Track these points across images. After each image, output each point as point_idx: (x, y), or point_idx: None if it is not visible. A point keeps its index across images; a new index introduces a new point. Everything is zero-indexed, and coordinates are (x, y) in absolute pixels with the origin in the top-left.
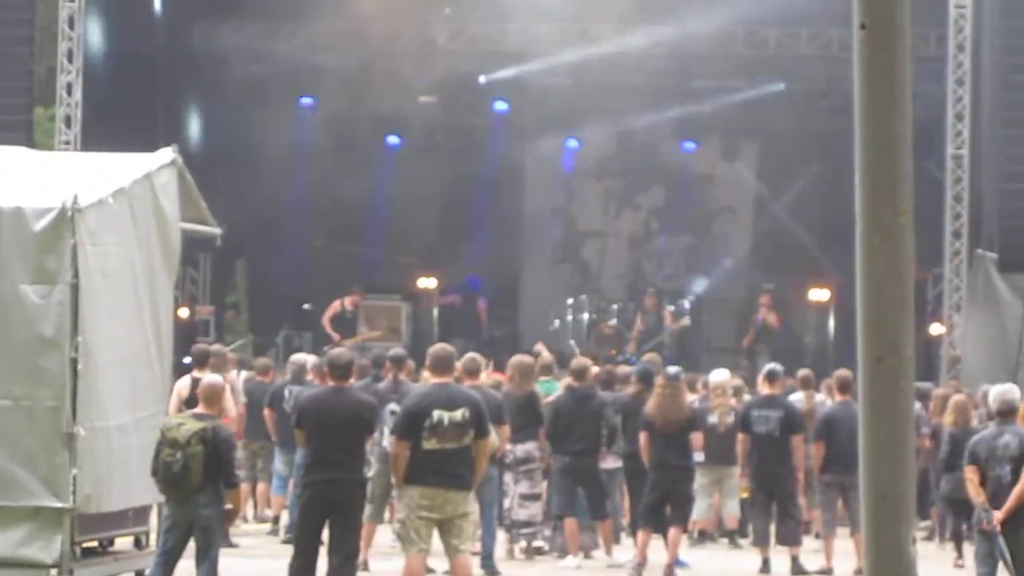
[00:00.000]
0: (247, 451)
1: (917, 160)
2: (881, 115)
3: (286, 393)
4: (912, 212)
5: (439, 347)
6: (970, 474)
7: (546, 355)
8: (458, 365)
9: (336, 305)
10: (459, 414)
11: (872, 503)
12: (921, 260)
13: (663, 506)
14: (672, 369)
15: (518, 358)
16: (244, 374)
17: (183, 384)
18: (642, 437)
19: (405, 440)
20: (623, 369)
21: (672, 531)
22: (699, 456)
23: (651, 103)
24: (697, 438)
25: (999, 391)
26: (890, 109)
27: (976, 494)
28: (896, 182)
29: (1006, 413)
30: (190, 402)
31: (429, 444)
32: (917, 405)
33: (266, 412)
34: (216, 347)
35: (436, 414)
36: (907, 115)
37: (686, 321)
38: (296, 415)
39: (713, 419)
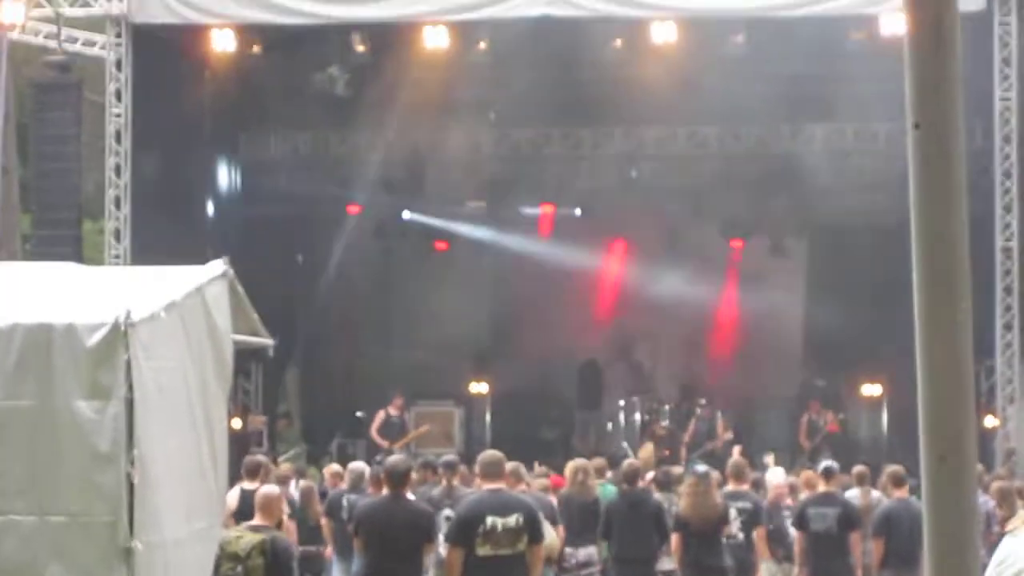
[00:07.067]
0: None
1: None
2: (937, 213)
3: (344, 502)
4: (970, 308)
5: (489, 453)
6: None
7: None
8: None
9: (381, 414)
10: (513, 519)
11: None
12: (973, 352)
13: None
14: (700, 467)
15: (579, 462)
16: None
17: (232, 496)
18: (674, 538)
19: (459, 547)
20: (679, 470)
21: None
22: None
23: (698, 201)
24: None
25: None
26: (946, 206)
27: None
28: (954, 279)
29: None
30: (239, 515)
31: (483, 550)
32: (991, 503)
33: (323, 521)
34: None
35: (490, 520)
36: (963, 212)
37: (729, 435)
38: (354, 524)
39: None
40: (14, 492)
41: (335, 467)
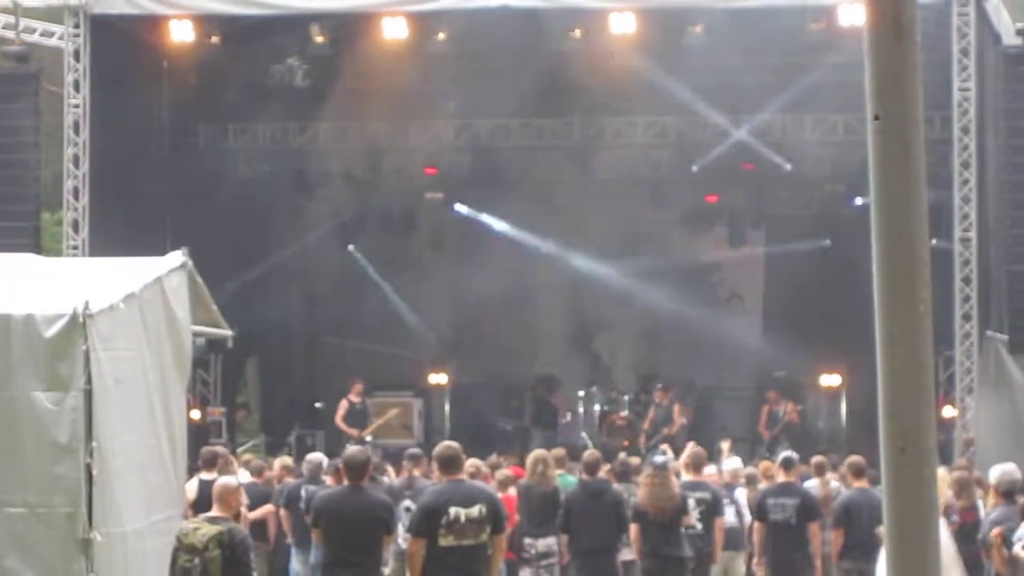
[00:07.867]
0: None
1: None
2: (897, 204)
3: (302, 493)
4: (930, 300)
5: (444, 445)
6: None
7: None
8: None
9: (344, 403)
10: (476, 510)
11: None
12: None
13: None
14: (659, 458)
15: (539, 452)
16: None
17: (191, 487)
18: (633, 529)
19: (421, 537)
20: (637, 460)
21: None
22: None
23: (656, 192)
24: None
25: (1003, 470)
26: (906, 198)
27: None
28: (913, 271)
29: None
30: (197, 505)
31: (446, 541)
32: (949, 493)
33: (282, 513)
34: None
35: (453, 511)
36: (923, 204)
37: (683, 421)
38: (313, 515)
39: None
40: None
41: (286, 460)
